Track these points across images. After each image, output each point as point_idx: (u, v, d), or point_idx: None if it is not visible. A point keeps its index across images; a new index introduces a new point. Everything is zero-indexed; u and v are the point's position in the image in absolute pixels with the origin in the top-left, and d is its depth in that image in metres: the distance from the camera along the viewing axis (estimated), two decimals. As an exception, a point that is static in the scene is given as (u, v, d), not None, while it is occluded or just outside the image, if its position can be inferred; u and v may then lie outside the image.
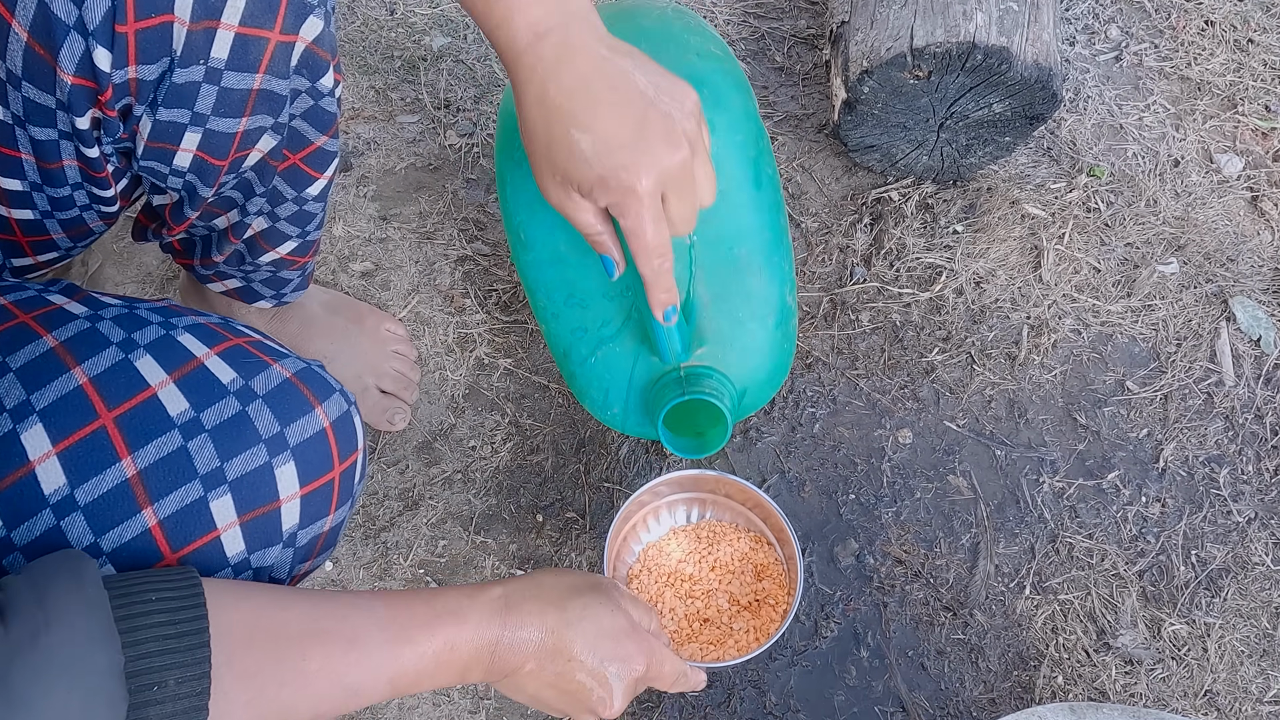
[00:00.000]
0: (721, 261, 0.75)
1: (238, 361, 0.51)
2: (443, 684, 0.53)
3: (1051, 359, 1.04)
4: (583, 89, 0.54)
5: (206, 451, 0.48)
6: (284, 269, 0.80)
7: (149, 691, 0.40)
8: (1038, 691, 0.88)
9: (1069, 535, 0.95)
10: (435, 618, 0.52)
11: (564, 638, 0.55)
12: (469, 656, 0.52)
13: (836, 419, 1.00)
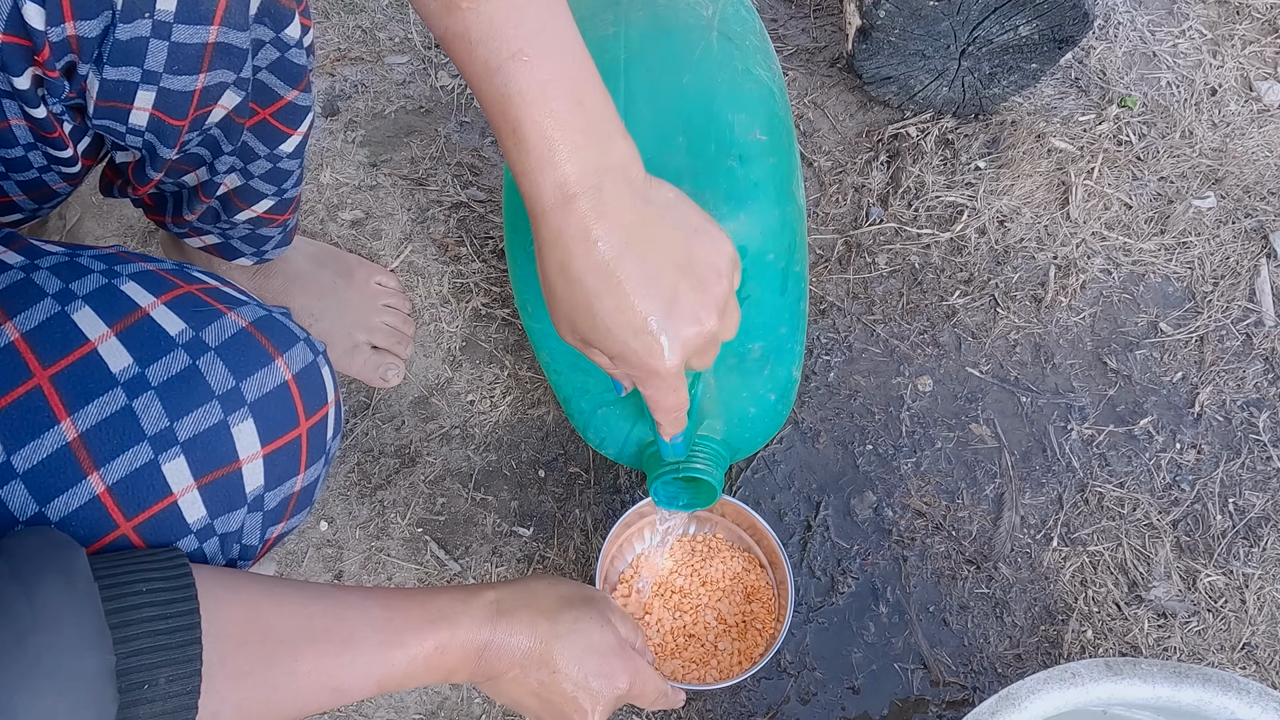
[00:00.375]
0: (733, 354, 0.71)
1: (187, 311, 0.46)
2: (427, 684, 0.52)
3: (1080, 300, 0.99)
4: (608, 268, 0.48)
5: (154, 410, 0.44)
6: (262, 226, 0.75)
7: (139, 690, 0.38)
8: (1066, 646, 0.84)
9: (1099, 484, 0.91)
10: (429, 622, 0.51)
11: (552, 649, 0.55)
12: (457, 660, 0.52)
13: (852, 367, 0.95)
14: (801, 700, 0.82)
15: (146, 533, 0.44)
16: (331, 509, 0.87)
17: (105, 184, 0.71)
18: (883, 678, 0.83)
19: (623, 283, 0.48)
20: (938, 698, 0.82)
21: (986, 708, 0.60)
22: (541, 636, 0.55)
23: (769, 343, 0.72)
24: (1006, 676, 0.83)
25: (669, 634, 0.79)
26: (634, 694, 0.60)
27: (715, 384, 0.72)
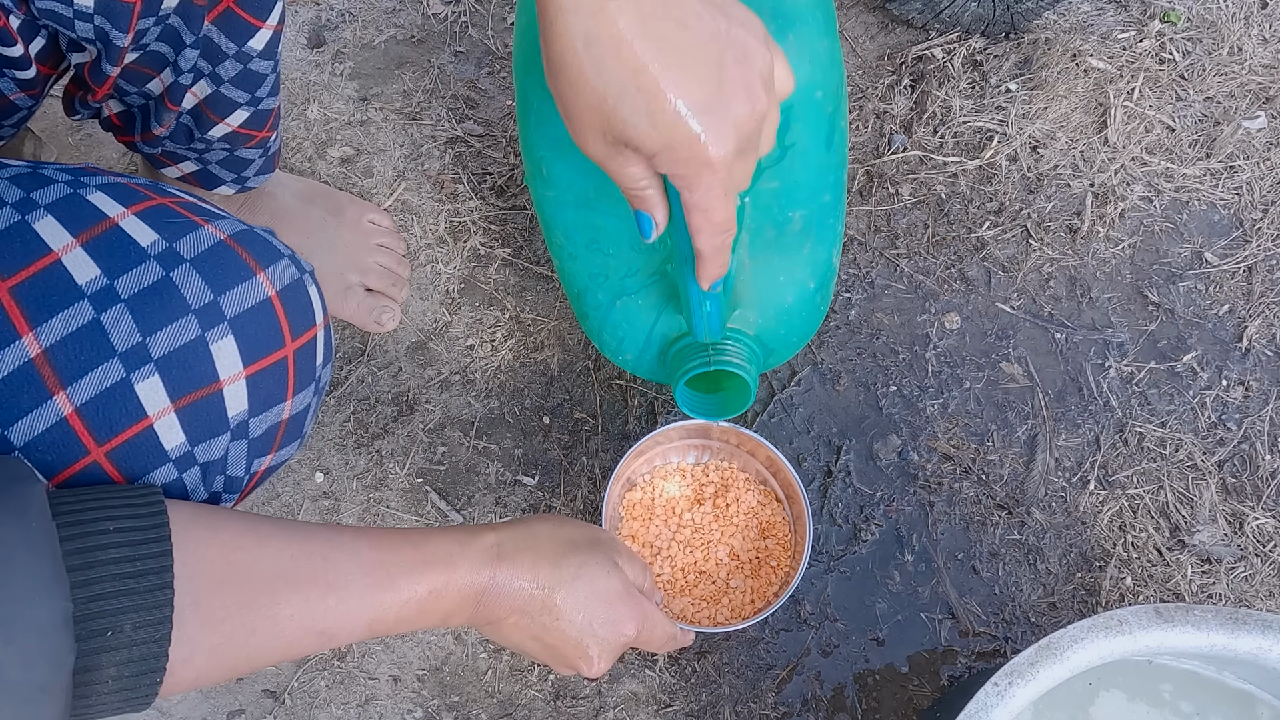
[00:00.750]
0: (772, 224, 0.64)
1: (160, 222, 0.43)
2: (423, 628, 0.48)
3: (1119, 230, 0.92)
4: (646, 30, 0.41)
5: (124, 325, 0.40)
6: (241, 146, 0.70)
7: (101, 638, 0.35)
8: (1103, 594, 0.80)
9: (1138, 424, 0.85)
10: (424, 564, 0.48)
11: (555, 595, 0.52)
12: (453, 603, 0.49)
13: (875, 304, 0.89)
14: (823, 653, 0.78)
15: (120, 460, 0.41)
16: (327, 459, 0.83)
17: (68, 101, 0.66)
18: (908, 628, 0.78)
19: (667, 49, 0.41)
20: (967, 649, 0.78)
21: (1025, 658, 0.55)
22: (544, 582, 0.52)
23: (811, 212, 0.64)
24: (1040, 626, 0.79)
25: (679, 570, 0.75)
26: (641, 639, 0.57)
27: (750, 263, 0.65)
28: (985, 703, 0.54)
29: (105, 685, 0.36)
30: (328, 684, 0.76)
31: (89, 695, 0.36)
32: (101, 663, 0.35)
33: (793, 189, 0.61)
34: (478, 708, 0.76)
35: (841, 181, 0.66)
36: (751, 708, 0.76)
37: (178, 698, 0.75)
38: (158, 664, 0.37)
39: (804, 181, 0.62)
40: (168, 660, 0.37)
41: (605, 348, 0.73)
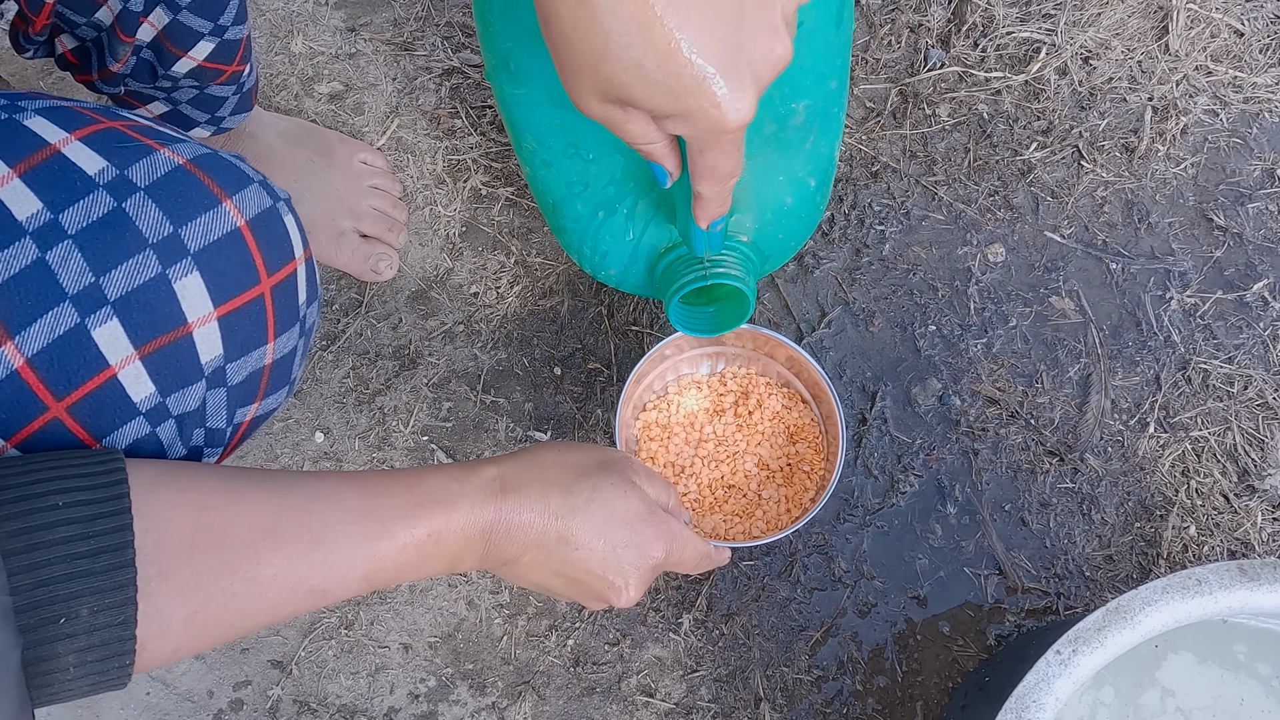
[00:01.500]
0: (772, 117, 0.57)
1: (109, 147, 0.38)
2: (428, 575, 0.44)
3: (1181, 148, 0.84)
4: None
5: (74, 264, 0.36)
6: (210, 82, 0.64)
7: (54, 626, 0.32)
8: (1165, 545, 0.73)
9: (1203, 360, 0.78)
10: (418, 506, 0.43)
11: (570, 524, 0.47)
12: (458, 546, 0.44)
13: (911, 237, 0.82)
14: (859, 613, 0.73)
15: (84, 415, 0.37)
16: (327, 418, 0.78)
17: (14, 35, 0.60)
18: (952, 585, 0.73)
19: (682, 3, 0.35)
20: (1015, 605, 0.73)
21: (1092, 623, 0.50)
22: (556, 511, 0.47)
23: (815, 101, 0.57)
24: (1096, 581, 0.73)
25: (706, 487, 0.70)
26: (672, 560, 0.52)
27: (746, 163, 0.57)
28: (1047, 673, 0.49)
29: (66, 674, 0.32)
30: (335, 653, 0.72)
31: (50, 685, 0.32)
32: (57, 651, 0.32)
33: (797, 76, 0.53)
34: (493, 675, 0.72)
35: (847, 64, 0.59)
36: (784, 671, 0.72)
37: (181, 669, 0.72)
38: (124, 646, 0.33)
39: (810, 67, 0.54)
40: (135, 641, 0.33)
41: (585, 262, 0.66)
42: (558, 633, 0.73)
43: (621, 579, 0.49)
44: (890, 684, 0.71)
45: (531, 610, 0.73)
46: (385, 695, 0.72)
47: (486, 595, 0.74)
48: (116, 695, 0.71)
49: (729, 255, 0.59)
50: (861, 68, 0.87)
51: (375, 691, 0.72)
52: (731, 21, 0.37)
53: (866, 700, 0.71)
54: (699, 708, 0.71)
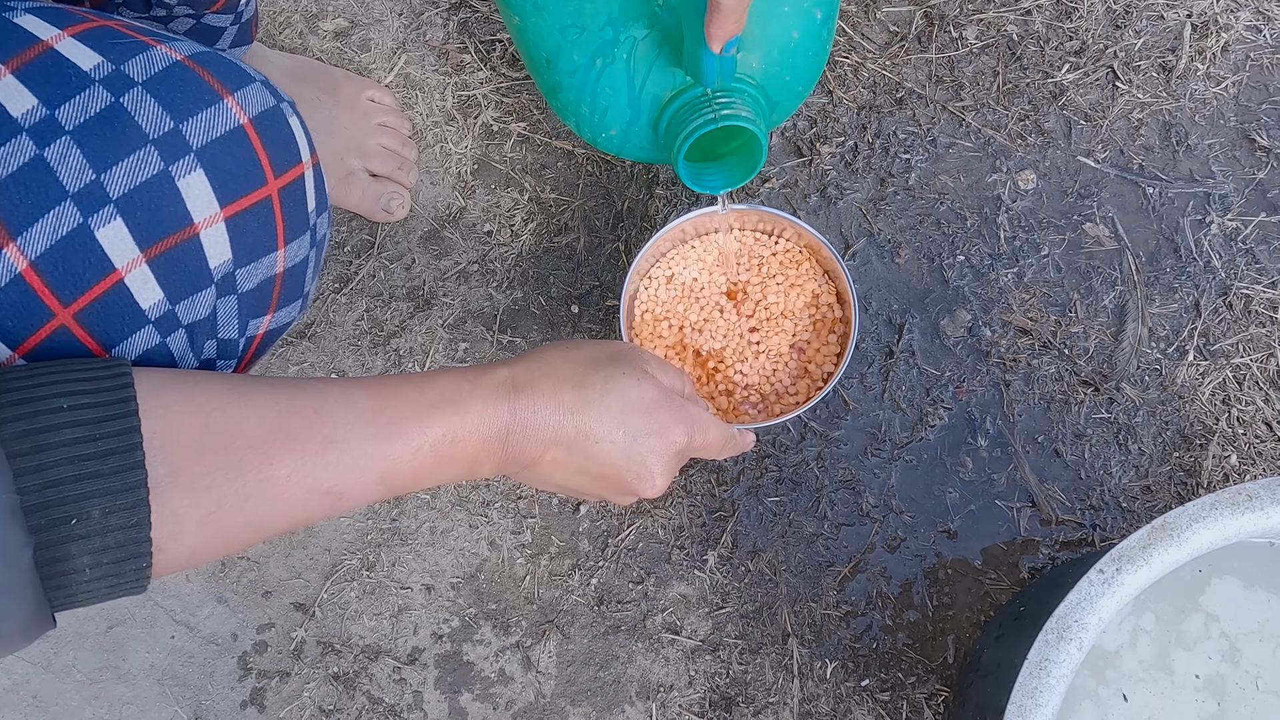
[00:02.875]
0: None
1: (103, 44, 0.37)
2: (448, 480, 0.43)
3: (1221, 67, 0.80)
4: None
5: (73, 160, 0.35)
6: (205, 10, 0.62)
7: (64, 526, 0.32)
8: (1205, 474, 0.71)
9: (1245, 286, 0.75)
10: (430, 407, 0.41)
11: (586, 418, 0.45)
12: (475, 449, 0.43)
13: (938, 165, 0.79)
14: (888, 547, 0.71)
15: (92, 323, 0.36)
16: (341, 361, 0.77)
17: None
18: (983, 518, 0.71)
19: None
20: (1049, 538, 0.71)
21: (1136, 541, 0.48)
22: (570, 406, 0.45)
23: None
24: (1133, 512, 0.71)
25: (715, 372, 0.70)
26: (696, 445, 0.50)
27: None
28: (1090, 592, 0.47)
29: (83, 575, 0.32)
30: (358, 595, 0.72)
31: (67, 586, 0.32)
32: (71, 552, 0.32)
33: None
34: (517, 614, 0.71)
35: None
36: (811, 607, 0.70)
37: (205, 611, 0.72)
38: (140, 549, 0.33)
39: None
40: (151, 543, 0.33)
41: (585, 125, 0.62)
42: (581, 571, 0.72)
43: (646, 468, 0.47)
44: (920, 618, 0.70)
45: (554, 550, 0.72)
46: (409, 636, 0.71)
47: (508, 535, 0.73)
48: (142, 638, 0.71)
49: (738, 97, 0.56)
50: (884, -10, 0.83)
51: (399, 632, 0.71)
52: None
53: (896, 635, 0.70)
54: (725, 644, 0.70)
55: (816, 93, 0.81)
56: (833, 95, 0.81)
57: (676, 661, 0.70)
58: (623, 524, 0.72)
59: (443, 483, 0.43)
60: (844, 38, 0.82)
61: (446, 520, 0.73)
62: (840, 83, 0.81)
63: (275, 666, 0.71)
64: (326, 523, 0.73)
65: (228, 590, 0.72)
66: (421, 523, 0.73)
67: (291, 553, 0.73)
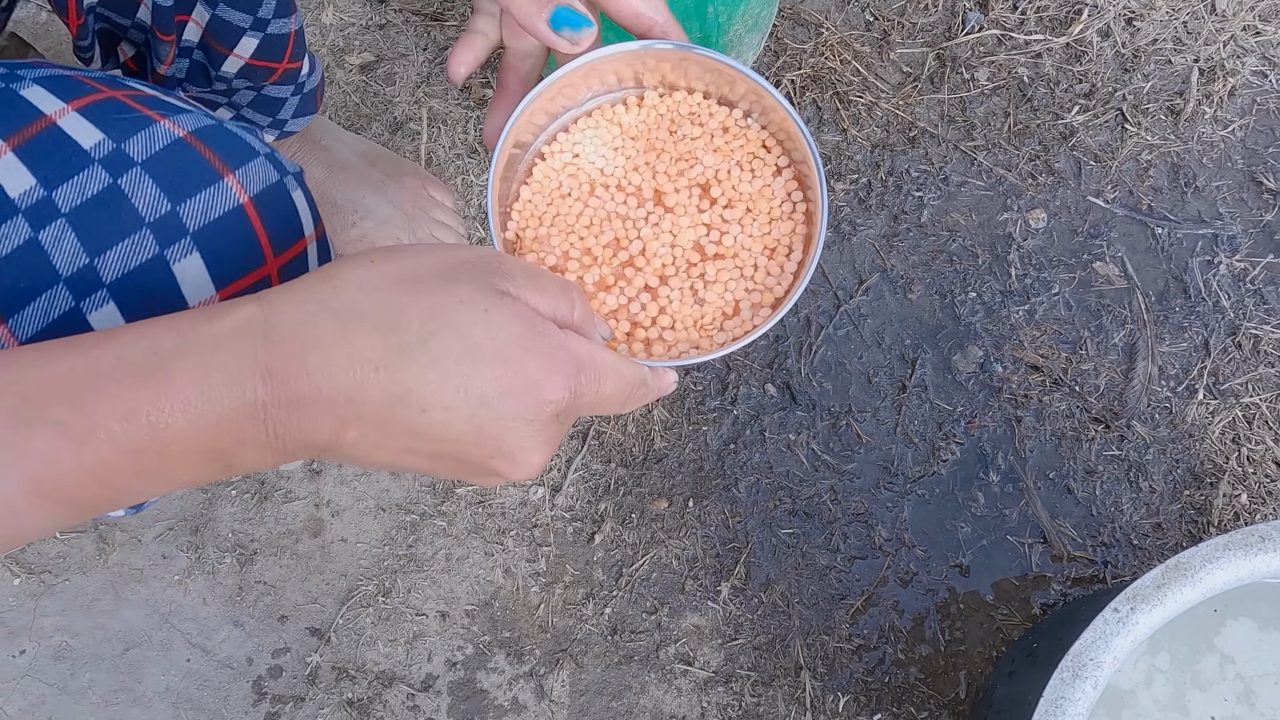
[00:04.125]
0: None
1: (107, 119, 0.36)
2: (185, 480, 0.30)
3: (1228, 110, 0.82)
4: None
5: (67, 244, 0.34)
6: (264, 81, 0.63)
7: None
8: (1216, 513, 0.72)
9: (1254, 326, 0.76)
10: (101, 377, 0.28)
11: (402, 375, 0.30)
12: (208, 435, 0.29)
13: (950, 203, 0.80)
14: (901, 581, 0.72)
15: None
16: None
17: (76, 48, 0.60)
18: (995, 553, 0.72)
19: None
20: (1060, 573, 0.71)
21: (1150, 580, 0.48)
22: (372, 359, 0.30)
23: None
24: (1144, 549, 0.71)
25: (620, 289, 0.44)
26: (586, 398, 0.34)
27: None
28: (1105, 631, 0.47)
29: None
30: (373, 620, 0.72)
31: None
32: None
33: None
34: (530, 643, 0.72)
35: None
36: (824, 640, 0.71)
37: (221, 635, 0.72)
38: None
39: None
40: None
41: None
42: (595, 601, 0.72)
43: (506, 443, 0.32)
44: (933, 652, 0.70)
45: (568, 579, 0.73)
46: (423, 662, 0.71)
47: (523, 563, 0.73)
48: (157, 661, 0.72)
49: None
50: (898, 32, 0.85)
51: (413, 659, 0.72)
52: None
53: (909, 669, 0.70)
54: (738, 675, 0.70)
55: (831, 130, 0.83)
56: (847, 134, 0.82)
57: (689, 693, 0.70)
58: (637, 554, 0.73)
59: (178, 485, 0.31)
60: (859, 78, 0.84)
61: (462, 547, 0.74)
62: (854, 121, 0.83)
63: (290, 691, 0.71)
64: (343, 547, 0.74)
65: (244, 614, 0.73)
66: (437, 550, 0.74)
67: (308, 578, 0.73)
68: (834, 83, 0.83)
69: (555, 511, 0.74)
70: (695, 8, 0.64)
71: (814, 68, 0.83)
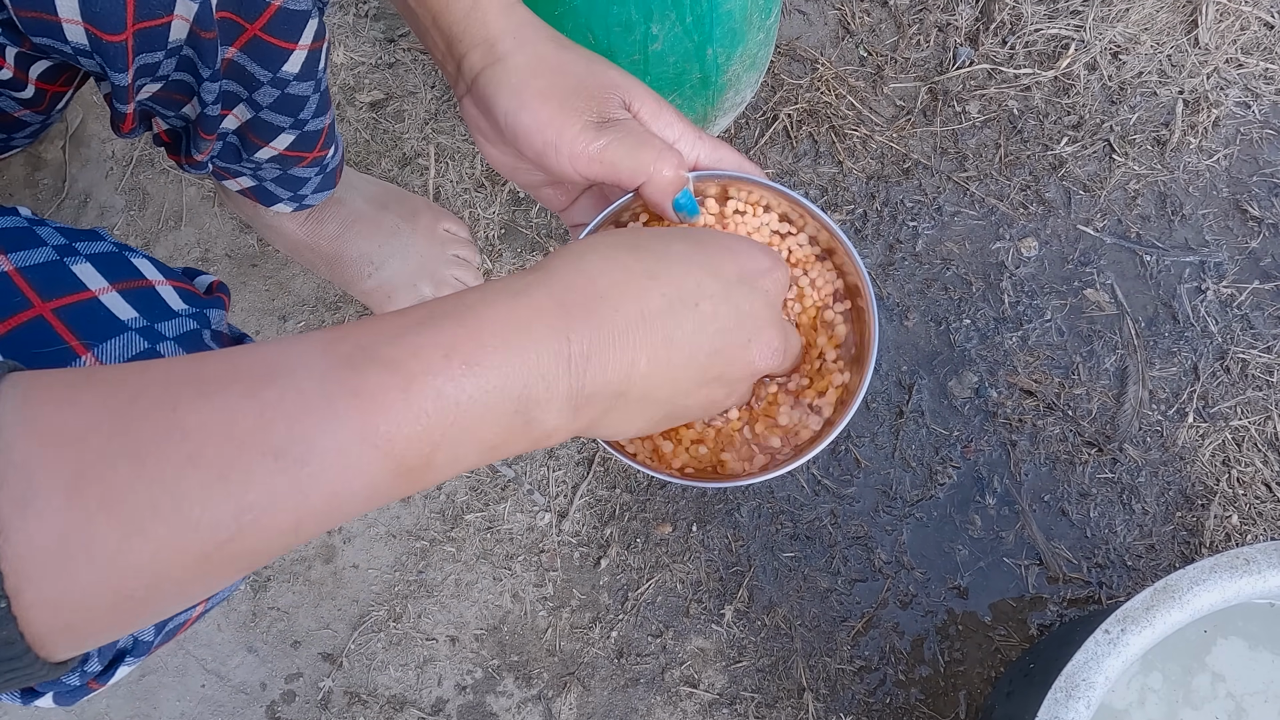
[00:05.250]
0: None
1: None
2: (485, 444, 0.30)
3: (1213, 140, 0.84)
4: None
5: None
6: (292, 166, 0.65)
7: None
8: (1207, 534, 0.73)
9: (1241, 350, 0.78)
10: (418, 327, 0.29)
11: (670, 278, 0.34)
12: (515, 382, 0.30)
13: (944, 232, 0.83)
14: (900, 603, 0.73)
15: None
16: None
17: (112, 122, 0.62)
18: (992, 575, 0.73)
19: None
20: (1057, 595, 0.73)
21: (1140, 603, 0.50)
22: (645, 269, 0.34)
23: None
24: (1138, 570, 0.73)
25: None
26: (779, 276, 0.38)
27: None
28: (1096, 652, 0.49)
29: None
30: (384, 645, 0.74)
31: None
32: None
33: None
34: (538, 667, 0.73)
35: None
36: (826, 662, 0.72)
37: (235, 661, 0.74)
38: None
39: None
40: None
41: None
42: (601, 624, 0.74)
43: (758, 317, 0.36)
44: (933, 674, 0.71)
45: (575, 603, 0.74)
46: (433, 687, 0.73)
47: (531, 588, 0.75)
48: (173, 687, 0.73)
49: None
50: (891, 67, 0.88)
51: (424, 683, 0.73)
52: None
53: (909, 690, 0.71)
54: (742, 698, 0.72)
55: (827, 162, 0.85)
56: (842, 165, 0.85)
57: (694, 714, 0.71)
58: (642, 578, 0.75)
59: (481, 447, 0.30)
60: (854, 112, 0.86)
61: (471, 573, 0.75)
62: (850, 154, 0.85)
63: (303, 716, 0.72)
64: (354, 573, 0.76)
65: (257, 640, 0.74)
66: (447, 575, 0.75)
67: (320, 603, 0.75)
68: (830, 116, 0.86)
69: (562, 537, 0.76)
70: (695, 51, 0.67)
71: (810, 102, 0.86)
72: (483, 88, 0.41)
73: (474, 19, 0.41)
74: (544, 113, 0.40)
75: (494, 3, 0.41)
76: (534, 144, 0.40)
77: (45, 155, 0.88)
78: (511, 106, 0.40)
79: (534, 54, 0.41)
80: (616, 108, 0.41)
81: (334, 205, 0.78)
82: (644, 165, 0.40)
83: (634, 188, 0.41)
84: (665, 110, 0.42)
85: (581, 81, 0.41)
